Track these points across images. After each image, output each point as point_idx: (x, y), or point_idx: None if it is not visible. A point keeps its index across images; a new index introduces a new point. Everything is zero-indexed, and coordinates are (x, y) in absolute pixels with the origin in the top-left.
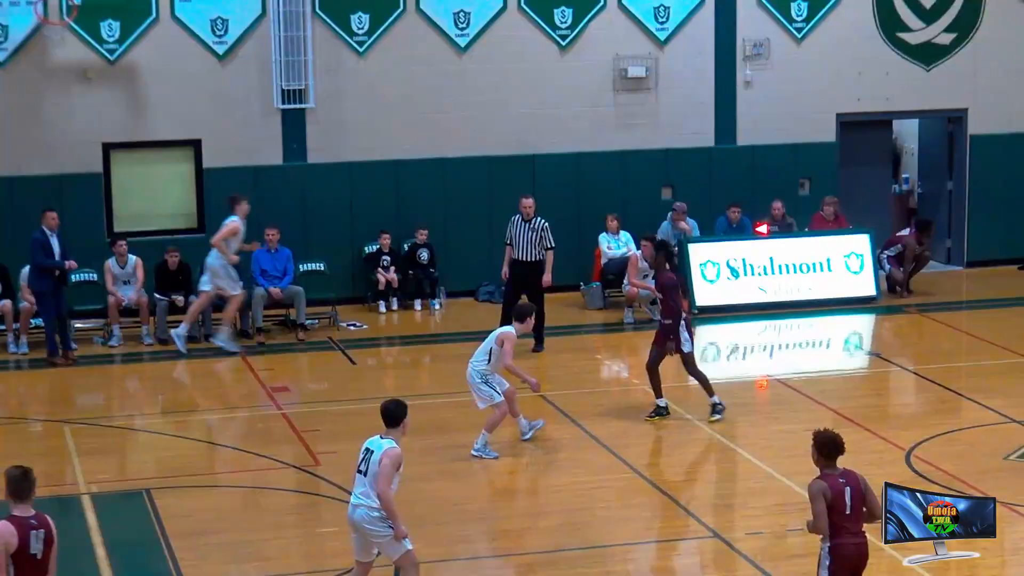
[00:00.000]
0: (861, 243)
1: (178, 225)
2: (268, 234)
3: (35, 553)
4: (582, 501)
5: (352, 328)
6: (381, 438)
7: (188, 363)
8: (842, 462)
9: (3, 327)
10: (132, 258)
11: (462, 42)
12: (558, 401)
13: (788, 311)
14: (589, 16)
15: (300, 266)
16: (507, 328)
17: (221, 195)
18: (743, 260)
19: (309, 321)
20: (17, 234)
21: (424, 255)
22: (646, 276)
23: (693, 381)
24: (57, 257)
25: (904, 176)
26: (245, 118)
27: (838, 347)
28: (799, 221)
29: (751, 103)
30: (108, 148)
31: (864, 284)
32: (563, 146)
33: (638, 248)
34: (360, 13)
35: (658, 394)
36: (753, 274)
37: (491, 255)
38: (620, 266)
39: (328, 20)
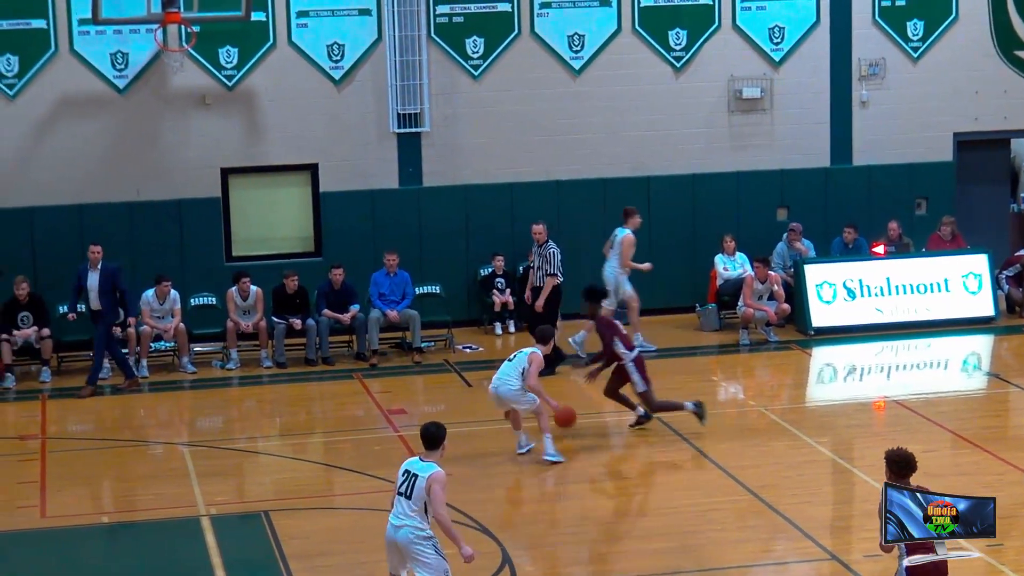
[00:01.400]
0: (979, 263)
1: (295, 249)
2: (388, 259)
3: None
4: (696, 523)
5: (467, 350)
6: (422, 460)
7: (305, 386)
8: (961, 484)
9: (126, 351)
10: (253, 290)
11: (576, 64)
12: (673, 422)
13: (905, 332)
14: (704, 37)
15: (416, 289)
16: (535, 349)
17: (337, 219)
18: (859, 281)
19: (425, 344)
20: (138, 258)
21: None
22: (761, 297)
23: (811, 402)
24: (94, 293)
25: (1022, 195)
26: (361, 142)
27: (956, 368)
28: (916, 241)
29: (867, 123)
30: (226, 173)
31: (982, 304)
32: (678, 168)
33: (753, 269)
34: (475, 37)
35: (632, 407)
36: (870, 295)
37: (601, 277)
38: (736, 287)
39: (443, 44)
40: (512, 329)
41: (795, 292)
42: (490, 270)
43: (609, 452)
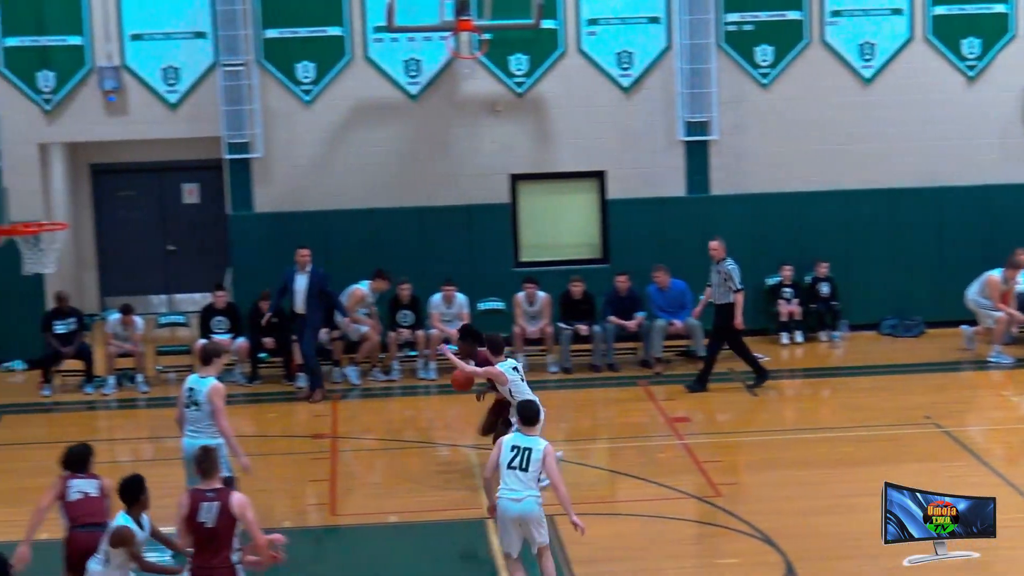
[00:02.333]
0: None
1: (582, 255)
2: (656, 276)
3: (204, 522)
4: (988, 540)
5: None
6: (527, 436)
7: (590, 392)
8: None
9: (415, 353)
10: (541, 295)
11: (867, 73)
12: (986, 447)
13: None
14: (999, 46)
15: (700, 297)
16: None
17: (624, 226)
18: None
19: None
20: (427, 263)
21: (825, 288)
22: None
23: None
24: (300, 296)
25: None
26: (649, 150)
27: None
28: None
29: None
30: (515, 179)
31: None
32: (970, 178)
33: None
34: (764, 45)
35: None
36: None
37: (894, 289)
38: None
39: (732, 53)
40: (799, 339)
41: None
42: (777, 280)
43: (907, 466)
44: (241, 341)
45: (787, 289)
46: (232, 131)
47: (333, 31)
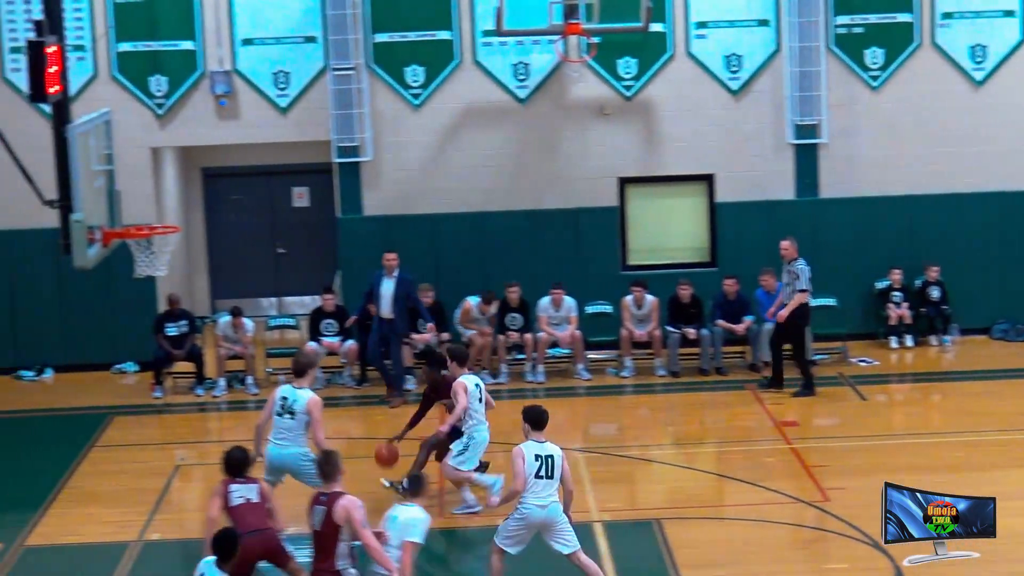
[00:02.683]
0: None
1: (690, 259)
2: (763, 279)
3: (312, 524)
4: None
5: (863, 364)
6: (538, 442)
7: (698, 395)
8: None
9: (523, 356)
10: (649, 299)
11: (978, 76)
12: None
13: None
14: None
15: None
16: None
17: (733, 229)
18: None
19: (819, 356)
20: (536, 266)
21: (935, 292)
22: None
23: None
24: (386, 300)
25: None
26: (758, 153)
27: None
28: None
29: None
30: (623, 182)
31: None
32: None
33: None
34: (875, 47)
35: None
36: None
37: (1005, 293)
38: None
39: (842, 55)
40: (909, 343)
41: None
42: (887, 283)
43: (1018, 471)
44: (350, 344)
45: (897, 293)
46: (342, 135)
47: (442, 35)
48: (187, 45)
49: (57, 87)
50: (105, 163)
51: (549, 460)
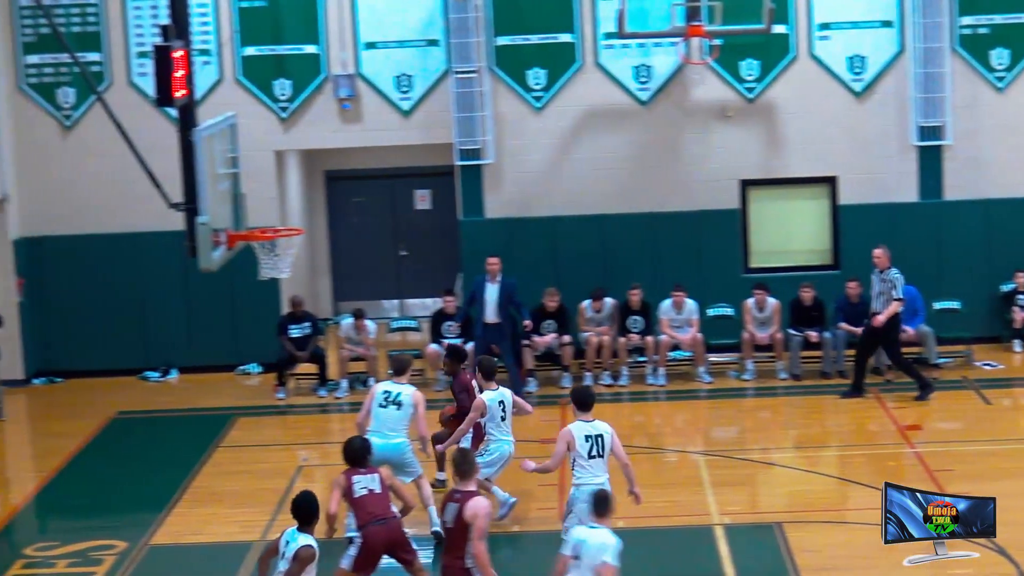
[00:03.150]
0: None
1: (812, 261)
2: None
3: (445, 521)
4: None
5: (987, 368)
6: (591, 421)
7: (820, 399)
8: None
9: (644, 359)
10: (771, 302)
11: None
12: None
13: None
14: None
15: (933, 304)
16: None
17: (856, 232)
18: None
19: (942, 360)
20: (657, 269)
21: None
22: None
23: None
24: (491, 306)
25: None
26: (881, 155)
27: None
28: None
29: None
30: (745, 185)
31: None
32: None
33: None
34: (1000, 48)
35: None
36: None
37: None
38: None
39: (967, 56)
40: None
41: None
42: (1012, 286)
43: None
44: (471, 346)
45: (1021, 296)
46: (464, 137)
47: (564, 37)
48: (311, 49)
49: (183, 91)
50: (230, 166)
51: (599, 439)
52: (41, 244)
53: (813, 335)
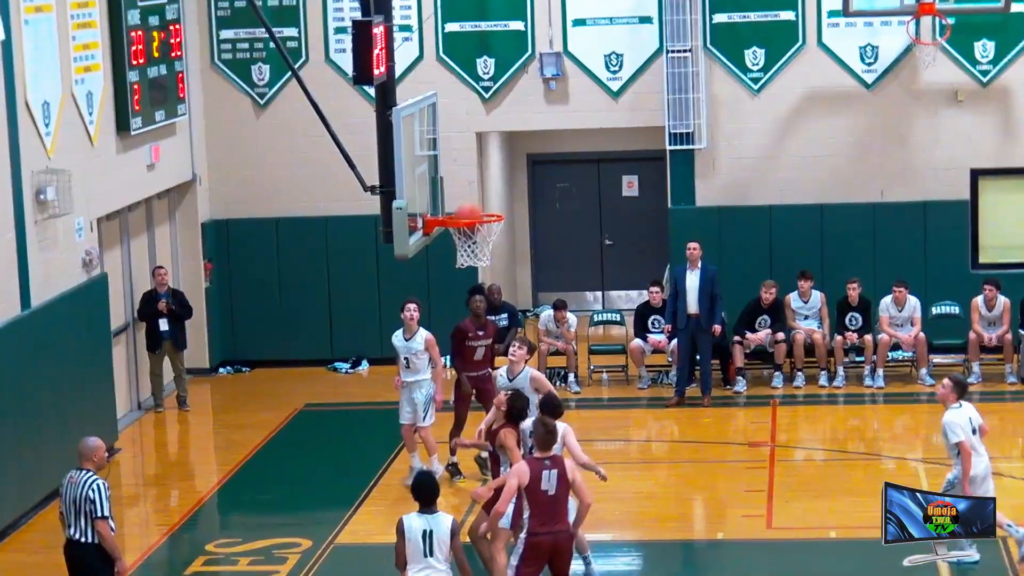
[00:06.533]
0: None
1: None
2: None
3: (546, 490)
4: None
5: None
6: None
7: None
8: None
9: (862, 359)
10: (1001, 300)
11: None
12: None
13: None
14: None
15: None
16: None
17: None
18: None
19: None
20: (878, 262)
21: None
22: None
23: None
24: (692, 295)
25: None
26: None
27: None
28: None
29: None
30: (976, 174)
31: None
32: None
33: None
34: None
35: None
36: None
37: None
38: None
39: None
40: None
41: None
42: None
43: None
44: (676, 342)
45: None
46: (676, 121)
47: (786, 15)
48: (516, 25)
49: (382, 69)
50: (430, 148)
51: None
52: (229, 227)
53: None
